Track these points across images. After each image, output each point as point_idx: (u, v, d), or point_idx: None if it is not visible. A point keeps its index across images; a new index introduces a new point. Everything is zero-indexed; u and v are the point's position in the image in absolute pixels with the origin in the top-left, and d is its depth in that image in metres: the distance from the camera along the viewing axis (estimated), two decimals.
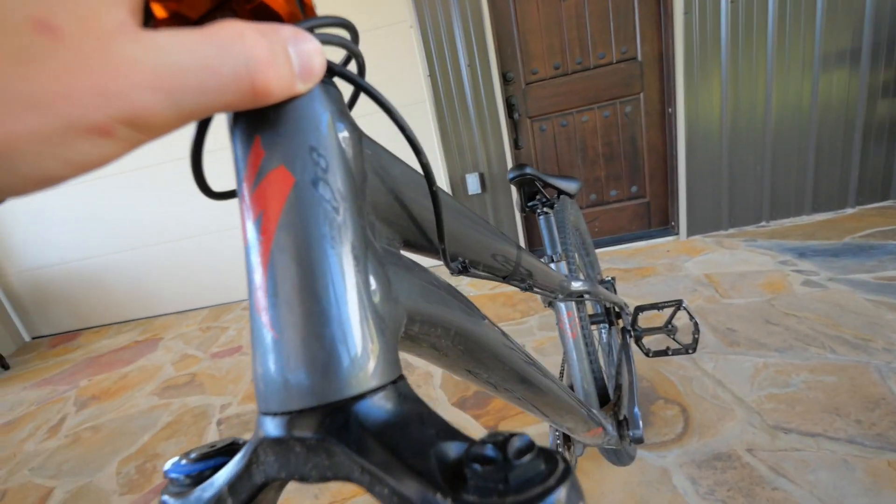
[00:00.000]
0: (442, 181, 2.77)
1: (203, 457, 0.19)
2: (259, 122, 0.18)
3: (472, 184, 2.74)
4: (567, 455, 0.82)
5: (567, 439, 0.85)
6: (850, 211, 2.57)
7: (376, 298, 0.19)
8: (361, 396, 0.16)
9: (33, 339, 3.44)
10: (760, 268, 2.10)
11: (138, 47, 0.12)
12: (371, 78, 2.61)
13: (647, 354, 1.24)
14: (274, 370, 0.17)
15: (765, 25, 2.30)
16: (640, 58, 2.53)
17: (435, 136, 2.68)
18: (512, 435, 0.14)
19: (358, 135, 0.21)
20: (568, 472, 0.13)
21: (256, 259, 0.17)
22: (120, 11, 0.12)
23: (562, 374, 1.14)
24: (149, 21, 0.16)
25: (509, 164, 2.69)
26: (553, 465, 0.13)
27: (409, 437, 0.15)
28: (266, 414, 0.17)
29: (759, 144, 2.51)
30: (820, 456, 1.07)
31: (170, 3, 0.17)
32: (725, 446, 1.15)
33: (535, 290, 0.55)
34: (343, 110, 0.20)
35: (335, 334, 0.17)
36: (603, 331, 1.39)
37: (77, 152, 0.12)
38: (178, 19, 0.17)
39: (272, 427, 0.16)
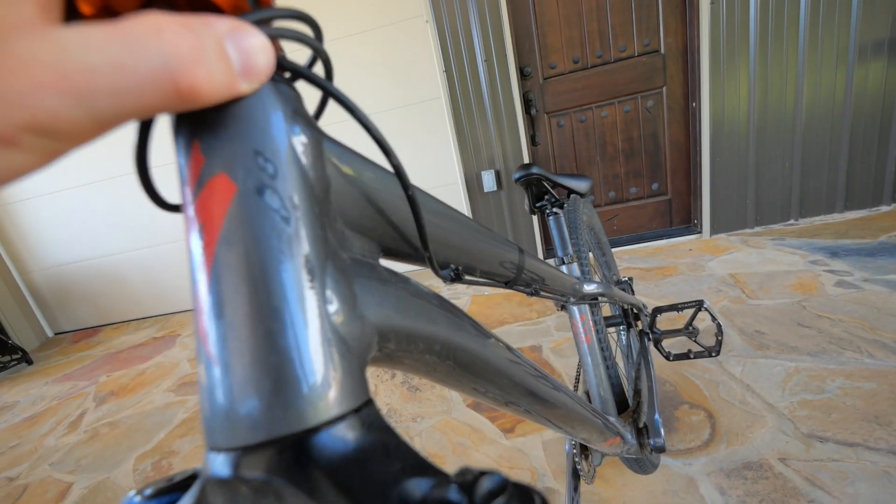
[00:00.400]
0: (457, 178, 2.74)
1: (158, 492, 0.17)
2: (199, 125, 0.16)
3: (488, 181, 2.69)
4: (584, 465, 0.78)
5: (584, 448, 0.81)
6: (885, 209, 2.45)
7: (337, 316, 0.17)
8: (317, 429, 0.15)
9: (56, 334, 3.52)
10: (790, 268, 2.01)
11: (43, 46, 0.11)
12: (386, 74, 2.59)
13: (667, 358, 1.18)
14: (219, 402, 0.15)
15: (797, 14, 2.20)
16: (663, 50, 2.46)
17: (450, 133, 2.64)
18: (482, 473, 0.13)
19: (317, 137, 0.19)
20: None
21: (198, 277, 0.16)
22: (25, 7, 0.11)
23: (578, 379, 1.10)
24: (74, 18, 0.14)
25: (526, 161, 2.64)
26: None
27: (369, 475, 0.14)
28: (212, 449, 0.15)
29: (789, 139, 2.41)
30: (859, 467, 1.00)
31: None
32: (756, 455, 1.09)
33: (544, 294, 0.52)
34: (299, 111, 0.18)
35: (284, 359, 0.15)
36: (621, 333, 1.34)
37: None
38: (109, 15, 0.15)
39: (218, 465, 0.15)
